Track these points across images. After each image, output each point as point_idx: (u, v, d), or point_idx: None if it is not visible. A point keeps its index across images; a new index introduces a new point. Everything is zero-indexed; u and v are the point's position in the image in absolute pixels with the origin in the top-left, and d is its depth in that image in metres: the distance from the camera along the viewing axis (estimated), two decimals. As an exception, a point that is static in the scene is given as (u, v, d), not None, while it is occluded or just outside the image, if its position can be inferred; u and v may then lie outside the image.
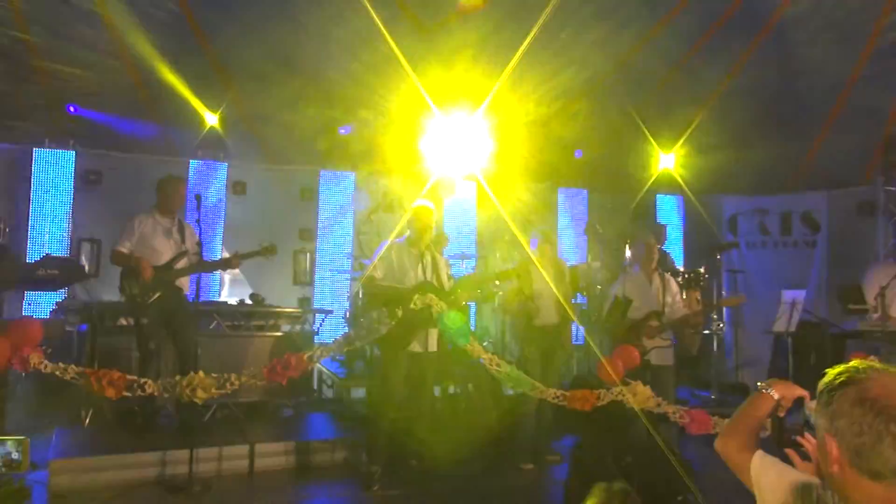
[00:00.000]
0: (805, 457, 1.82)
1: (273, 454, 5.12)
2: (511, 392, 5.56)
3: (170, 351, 5.36)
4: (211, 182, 8.01)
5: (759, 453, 1.81)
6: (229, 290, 8.33)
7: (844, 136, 9.19)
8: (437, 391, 6.35)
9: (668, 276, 5.80)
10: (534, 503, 4.74)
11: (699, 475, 4.49)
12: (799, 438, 1.85)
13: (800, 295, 5.85)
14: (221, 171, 8.10)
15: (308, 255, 8.37)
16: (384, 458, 4.79)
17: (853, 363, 1.48)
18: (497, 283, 5.53)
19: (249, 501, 4.48)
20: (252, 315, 6.40)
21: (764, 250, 9.35)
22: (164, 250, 5.29)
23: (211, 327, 6.14)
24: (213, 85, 8.51)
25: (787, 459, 1.85)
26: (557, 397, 4.43)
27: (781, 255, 9.19)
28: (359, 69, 8.76)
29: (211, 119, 8.02)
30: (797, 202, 9.24)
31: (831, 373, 1.48)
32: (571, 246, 9.16)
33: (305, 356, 3.95)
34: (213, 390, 4.06)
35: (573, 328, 7.27)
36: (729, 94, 9.00)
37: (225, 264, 5.61)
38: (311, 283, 8.30)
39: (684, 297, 6.58)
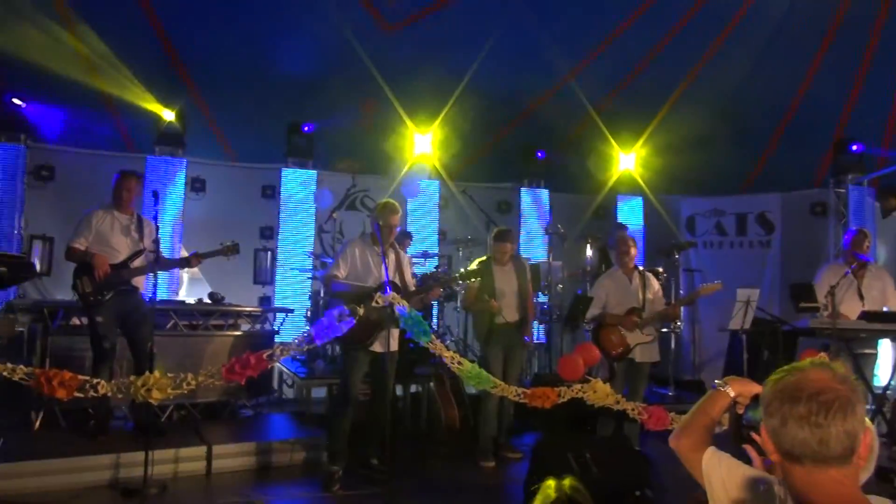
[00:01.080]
0: (763, 452, 1.86)
1: (231, 455, 5.04)
2: (473, 390, 5.57)
3: (124, 351, 5.24)
4: (169, 179, 7.84)
5: (711, 449, 1.84)
6: (188, 288, 8.19)
7: (798, 139, 9.45)
8: (399, 390, 6.35)
9: (648, 273, 5.90)
10: (494, 500, 4.76)
11: (657, 470, 4.57)
12: (755, 435, 1.89)
13: (754, 293, 5.98)
14: (180, 168, 7.93)
15: (269, 253, 8.27)
16: (345, 457, 4.76)
17: (799, 362, 1.53)
18: (460, 282, 5.53)
19: (207, 503, 4.40)
20: (211, 314, 6.29)
21: (720, 250, 9.55)
22: (122, 248, 5.16)
23: (168, 327, 6.02)
24: (172, 80, 8.36)
25: (745, 456, 1.89)
26: (518, 394, 4.45)
27: (737, 254, 9.41)
28: (322, 67, 8.71)
29: (168, 114, 7.86)
30: (753, 203, 9.47)
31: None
32: (533, 245, 9.23)
33: (265, 355, 3.89)
34: (170, 391, 3.97)
35: (534, 326, 7.35)
36: (687, 97, 9.16)
37: (184, 263, 5.50)
38: (271, 282, 8.20)
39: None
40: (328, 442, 4.84)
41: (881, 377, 6.44)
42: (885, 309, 5.67)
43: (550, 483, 1.93)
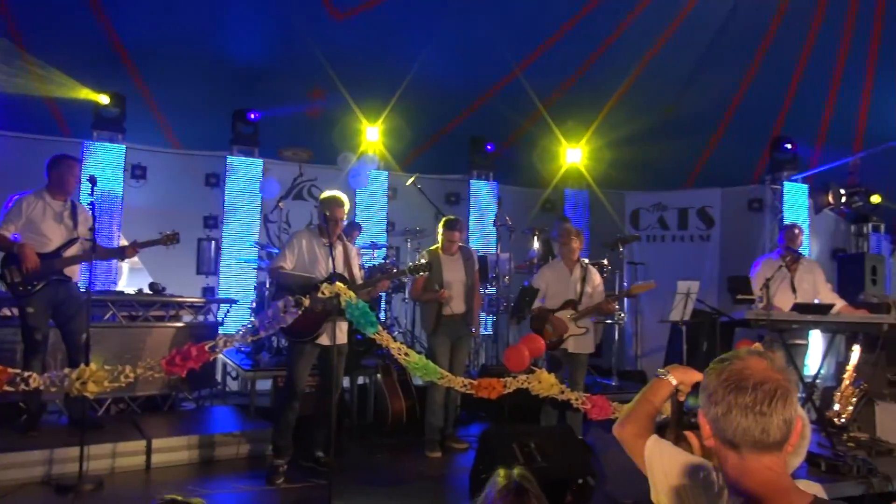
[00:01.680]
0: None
1: (172, 449, 4.92)
2: (420, 381, 5.58)
3: (59, 343, 5.06)
4: (107, 165, 7.57)
5: (653, 438, 1.88)
6: (128, 279, 7.95)
7: (737, 137, 9.77)
8: (345, 382, 6.31)
9: (591, 267, 5.98)
10: (440, 491, 4.77)
11: (599, 458, 4.67)
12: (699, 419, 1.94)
13: (694, 285, 6.16)
14: (119, 154, 7.67)
15: (213, 243, 8.09)
16: (290, 451, 4.71)
17: (736, 350, 1.58)
18: (409, 274, 5.52)
19: (145, 498, 4.29)
20: (151, 305, 6.12)
21: (663, 243, 9.80)
22: (54, 236, 4.96)
23: (105, 318, 5.83)
24: (111, 62, 8.07)
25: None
26: (465, 385, 4.49)
27: (679, 248, 9.67)
28: (269, 53, 8.55)
29: (104, 98, 7.58)
30: (694, 198, 9.74)
31: (715, 360, 1.58)
32: (481, 236, 9.28)
33: (207, 347, 3.82)
34: (106, 384, 3.86)
35: (482, 317, 7.40)
36: (632, 94, 9.35)
37: (120, 252, 5.32)
38: (215, 273, 8.03)
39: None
40: (273, 435, 4.77)
41: (811, 366, 6.72)
42: (816, 301, 5.91)
43: (501, 472, 1.96)
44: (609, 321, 7.86)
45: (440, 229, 5.69)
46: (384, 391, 6.17)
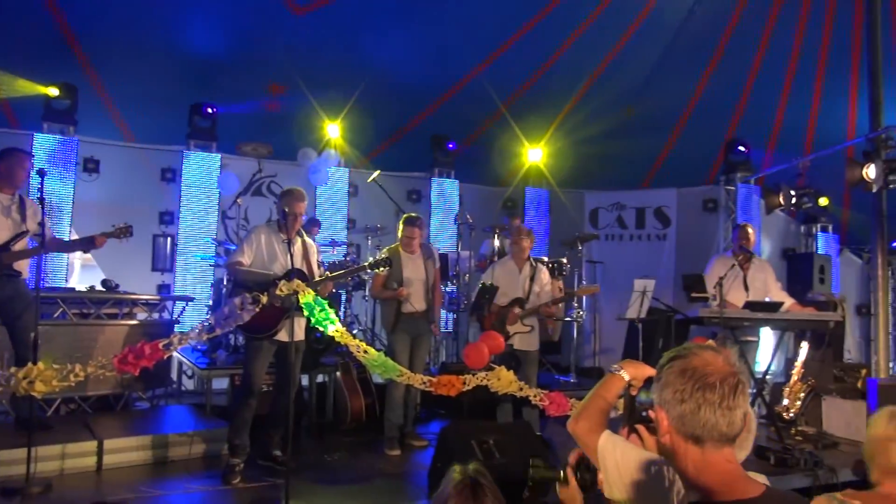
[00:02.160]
0: (654, 432, 1.94)
1: (124, 450, 4.80)
2: (379, 379, 5.56)
3: (6, 341, 4.90)
4: (59, 158, 7.36)
5: (606, 433, 1.88)
6: (80, 275, 7.75)
7: (693, 138, 9.99)
8: (304, 380, 6.26)
9: (540, 265, 6.03)
10: (399, 488, 4.77)
11: (556, 454, 4.73)
12: (650, 413, 1.94)
13: (650, 284, 6.28)
14: (71, 147, 7.46)
15: (168, 239, 7.93)
16: (246, 450, 4.65)
17: (679, 347, 1.60)
18: (369, 270, 5.49)
19: (96, 499, 4.18)
20: (103, 302, 5.96)
21: (621, 242, 9.96)
22: (2, 230, 4.79)
23: (55, 315, 5.66)
24: (63, 53, 7.85)
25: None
26: (424, 383, 4.49)
27: (636, 246, 9.84)
28: (228, 46, 8.42)
29: (55, 90, 7.37)
30: (651, 198, 9.92)
31: (667, 354, 1.59)
32: (442, 234, 9.30)
33: (161, 345, 3.74)
34: (55, 383, 3.76)
35: (442, 315, 7.42)
36: (591, 95, 9.48)
37: (89, 243, 5.13)
38: (171, 269, 7.87)
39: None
40: (229, 434, 4.70)
41: (761, 363, 6.91)
42: (767, 299, 6.07)
43: (456, 468, 1.96)
44: (568, 318, 7.97)
45: (400, 226, 5.67)
46: (343, 389, 6.13)
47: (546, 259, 7.67)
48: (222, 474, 4.53)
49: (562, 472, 2.21)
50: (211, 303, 7.31)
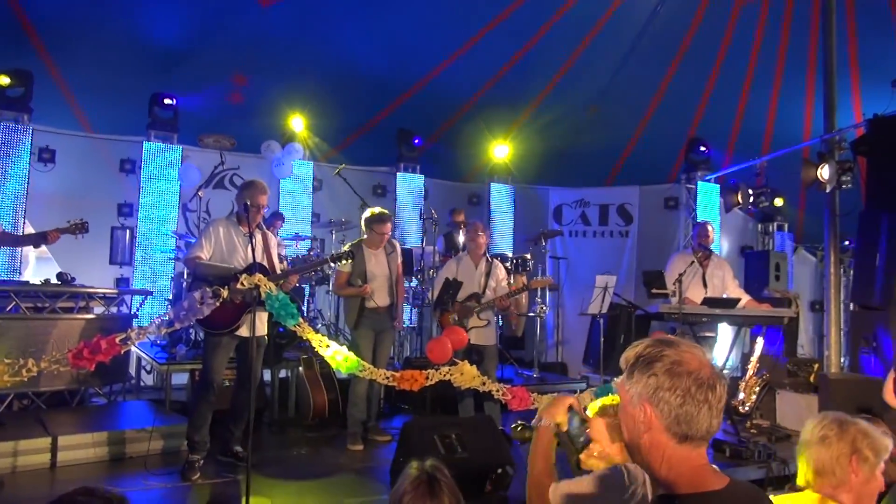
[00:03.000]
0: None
1: (80, 446, 4.69)
2: (342, 374, 5.53)
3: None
4: (12, 148, 7.14)
5: (552, 486, 1.84)
6: (35, 268, 7.53)
7: (655, 137, 10.14)
8: (266, 375, 6.21)
9: (496, 261, 6.07)
10: (361, 484, 4.76)
11: (517, 448, 4.76)
12: (589, 433, 1.91)
13: (611, 280, 6.37)
14: (25, 136, 7.25)
15: (127, 232, 7.77)
16: (206, 446, 4.59)
17: (653, 339, 1.58)
18: (331, 264, 5.46)
19: (50, 498, 4.09)
20: (59, 296, 5.81)
21: (584, 239, 10.07)
22: (-51, 222, 4.65)
23: (7, 309, 5.50)
24: (17, 39, 7.61)
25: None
26: (387, 378, 4.49)
27: (599, 243, 9.97)
28: (191, 36, 8.26)
29: (6, 79, 7.14)
30: (614, 195, 10.05)
31: (638, 348, 1.56)
32: (407, 229, 9.29)
33: (117, 339, 3.67)
34: (7, 378, 3.67)
35: (406, 310, 7.41)
36: (557, 93, 9.55)
37: (42, 238, 4.99)
38: (129, 263, 7.72)
39: (512, 281, 6.91)
40: (189, 430, 4.63)
41: (718, 358, 7.06)
42: (724, 295, 6.21)
43: (413, 463, 1.97)
44: (532, 314, 8.04)
45: (369, 222, 5.61)
46: (306, 384, 6.10)
47: (510, 254, 7.73)
48: (181, 470, 4.46)
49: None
50: (171, 297, 7.19)
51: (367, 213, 5.69)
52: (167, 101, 7.86)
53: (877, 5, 8.35)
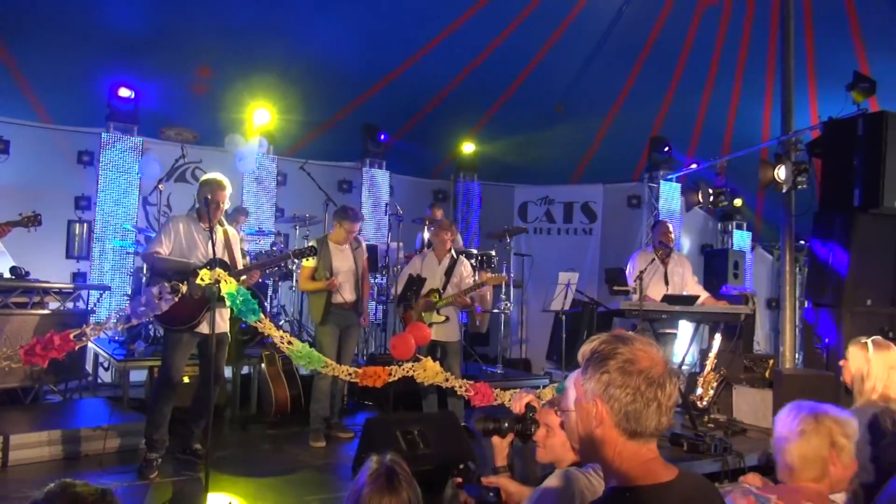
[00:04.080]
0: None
1: (32, 445, 4.57)
2: (304, 371, 5.50)
3: None
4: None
5: None
6: (-13, 262, 7.31)
7: (619, 136, 10.27)
8: (228, 372, 6.13)
9: (462, 258, 6.08)
10: (324, 481, 4.73)
11: (479, 443, 4.79)
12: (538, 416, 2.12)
13: (574, 277, 6.44)
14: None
15: (85, 225, 7.59)
16: (165, 443, 4.51)
17: (609, 335, 1.60)
18: (295, 260, 5.41)
19: (3, 499, 3.99)
20: (11, 290, 5.66)
21: (549, 236, 10.16)
22: None
23: (-43, 304, 5.35)
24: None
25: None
26: (350, 374, 4.47)
27: (564, 240, 10.07)
28: (153, 24, 8.09)
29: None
30: (579, 193, 10.16)
31: (594, 343, 1.58)
32: (373, 225, 9.26)
33: (71, 335, 3.59)
34: (-45, 375, 3.56)
35: (371, 306, 7.39)
36: (522, 91, 9.61)
37: None
38: (87, 257, 7.54)
39: (477, 278, 6.93)
40: (147, 427, 4.55)
41: (678, 354, 7.19)
42: (684, 293, 6.32)
43: (374, 457, 1.98)
44: (496, 310, 8.08)
45: (340, 218, 5.58)
46: (268, 381, 6.04)
47: (475, 251, 7.75)
48: (139, 469, 4.38)
49: (505, 423, 2.30)
50: (130, 292, 7.05)
51: (340, 209, 5.67)
52: (127, 91, 7.69)
53: (833, 14, 8.57)
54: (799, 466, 2.17)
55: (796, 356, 7.13)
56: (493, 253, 7.82)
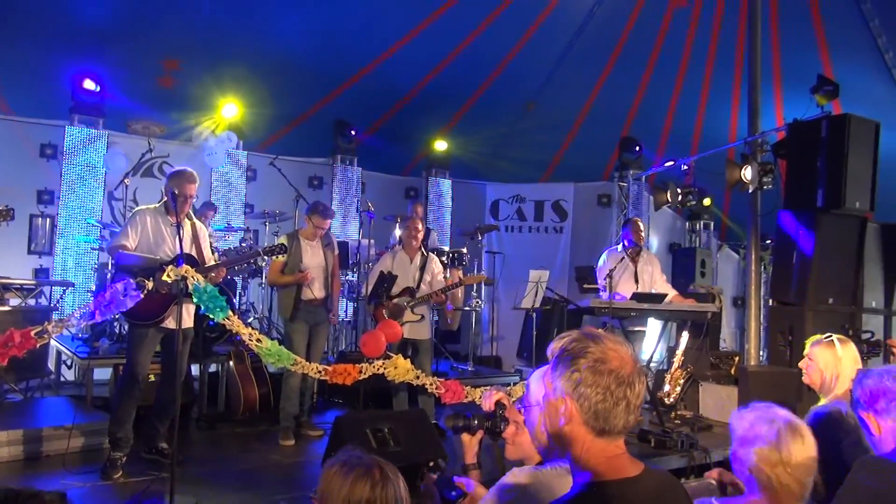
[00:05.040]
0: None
1: (-8, 445, 4.47)
2: (273, 368, 5.45)
3: None
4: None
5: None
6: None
7: (590, 135, 10.35)
8: (195, 370, 6.05)
9: (432, 255, 6.08)
10: (292, 479, 4.69)
11: (450, 441, 4.80)
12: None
13: (544, 275, 6.48)
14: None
15: (48, 220, 7.42)
16: (130, 442, 4.43)
17: (575, 332, 1.61)
18: (265, 257, 5.36)
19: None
20: (-30, 287, 5.52)
21: (520, 234, 10.21)
22: None
23: (-88, 300, 5.18)
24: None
25: None
26: (320, 372, 4.44)
27: (535, 238, 10.13)
28: (120, 16, 7.92)
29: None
30: (550, 192, 10.23)
31: (564, 341, 1.59)
32: (344, 222, 9.20)
33: (32, 332, 3.50)
34: None
35: (341, 303, 7.35)
36: (495, 89, 9.62)
37: None
38: (50, 252, 7.37)
39: (448, 275, 6.93)
40: (111, 426, 4.46)
41: (646, 351, 7.29)
42: (652, 290, 6.40)
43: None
44: (467, 308, 8.09)
45: (312, 214, 5.54)
46: (236, 378, 5.97)
47: (447, 249, 7.76)
48: (102, 469, 4.29)
49: (475, 420, 2.31)
50: (94, 288, 6.91)
51: (312, 205, 5.62)
52: (92, 83, 7.52)
53: (799, 18, 8.74)
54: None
55: (761, 353, 7.27)
56: (465, 250, 7.83)
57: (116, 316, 4.74)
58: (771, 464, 2.10)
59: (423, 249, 5.96)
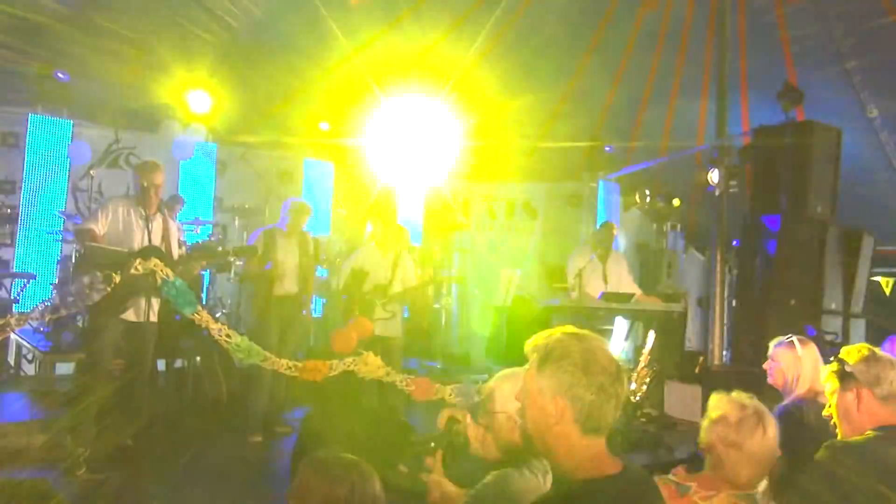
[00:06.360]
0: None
1: (-51, 441, 4.35)
2: (240, 364, 5.39)
3: None
4: None
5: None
6: None
7: (561, 135, 10.41)
8: (161, 365, 5.96)
9: (405, 253, 6.07)
10: (260, 476, 4.67)
11: (420, 437, 4.80)
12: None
13: (515, 274, 6.53)
14: None
15: (9, 210, 7.23)
16: (92, 438, 4.34)
17: (555, 331, 1.63)
18: (232, 255, 5.31)
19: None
20: (-74, 278, 5.35)
21: (492, 233, 10.26)
22: None
23: None
24: None
25: None
26: (290, 368, 4.41)
27: (505, 237, 10.18)
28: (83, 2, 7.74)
29: None
30: (521, 191, 10.29)
31: (548, 339, 1.60)
32: (315, 218, 9.12)
33: (-6, 326, 3.41)
34: None
35: (313, 299, 7.30)
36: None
37: None
38: (10, 244, 7.18)
39: (419, 272, 6.94)
40: (73, 422, 4.37)
41: (613, 350, 7.39)
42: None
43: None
44: (437, 305, 8.10)
45: (289, 210, 5.51)
46: (204, 374, 5.89)
47: (418, 247, 7.75)
48: (65, 465, 4.21)
49: (432, 443, 2.31)
50: (56, 281, 6.75)
51: (291, 202, 5.61)
52: (59, 71, 7.33)
53: (765, 27, 8.91)
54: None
55: (724, 353, 7.41)
56: (437, 249, 7.84)
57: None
58: (726, 443, 2.20)
59: (396, 247, 5.94)
